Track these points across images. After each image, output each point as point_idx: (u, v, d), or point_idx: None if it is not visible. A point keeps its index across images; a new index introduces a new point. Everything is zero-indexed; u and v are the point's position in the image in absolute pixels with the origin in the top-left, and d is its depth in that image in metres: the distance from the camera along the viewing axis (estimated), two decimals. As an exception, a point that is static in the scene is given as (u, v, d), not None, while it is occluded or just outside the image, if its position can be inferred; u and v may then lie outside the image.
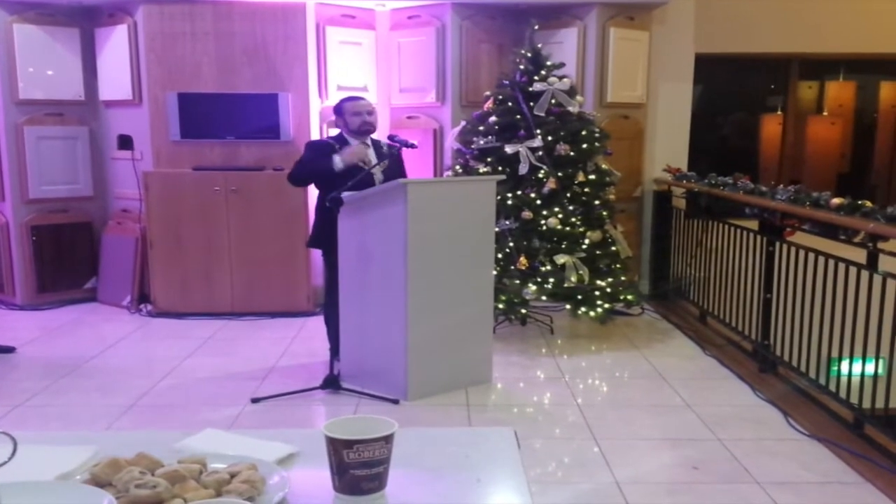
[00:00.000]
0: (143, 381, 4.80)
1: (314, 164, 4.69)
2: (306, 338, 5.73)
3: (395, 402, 4.38)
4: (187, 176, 6.18)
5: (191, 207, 6.16)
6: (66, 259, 6.71)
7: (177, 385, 4.76)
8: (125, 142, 6.55)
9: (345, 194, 4.35)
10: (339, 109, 4.85)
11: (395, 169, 4.83)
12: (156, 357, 5.36)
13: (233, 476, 1.34)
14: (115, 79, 6.45)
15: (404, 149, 4.68)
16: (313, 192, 6.18)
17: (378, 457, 1.29)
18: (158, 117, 6.25)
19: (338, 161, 4.60)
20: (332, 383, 4.50)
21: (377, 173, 4.72)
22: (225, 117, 6.18)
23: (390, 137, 4.80)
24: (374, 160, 4.74)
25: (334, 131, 5.23)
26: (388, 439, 1.30)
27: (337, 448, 1.28)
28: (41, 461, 1.41)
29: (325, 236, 4.61)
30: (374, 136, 4.91)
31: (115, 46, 6.40)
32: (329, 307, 4.83)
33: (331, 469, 1.31)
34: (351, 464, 1.28)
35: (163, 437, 1.56)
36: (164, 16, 6.16)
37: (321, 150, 4.76)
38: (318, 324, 5.95)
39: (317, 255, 6.30)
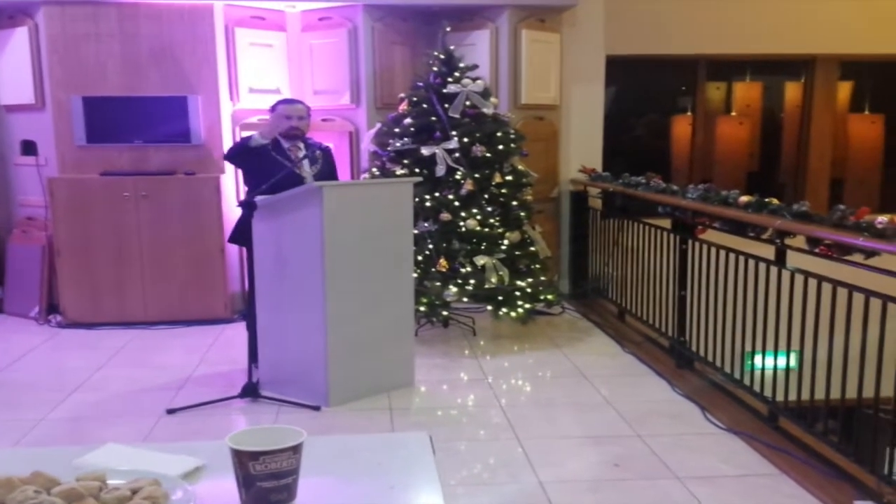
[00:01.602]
0: (53, 394, 4.62)
1: (239, 142, 4.71)
2: (224, 346, 5.60)
3: (317, 408, 4.31)
4: (95, 182, 5.99)
5: (99, 214, 5.96)
6: (-32, 271, 6.44)
7: (88, 398, 4.59)
8: (28, 147, 6.32)
9: (259, 198, 4.28)
10: (273, 110, 4.82)
11: (327, 171, 4.81)
12: (66, 369, 5.16)
13: (134, 492, 1.28)
14: (16, 82, 6.20)
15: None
16: (229, 195, 6.09)
17: (286, 468, 1.24)
18: (62, 122, 6.03)
19: (257, 136, 4.55)
20: (251, 391, 4.40)
21: (308, 177, 4.67)
22: (133, 121, 6.00)
23: (303, 140, 4.76)
24: (301, 154, 4.69)
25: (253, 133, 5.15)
26: (296, 449, 1.25)
27: (243, 460, 1.23)
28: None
29: (248, 233, 4.50)
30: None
31: (15, 49, 6.15)
32: (250, 312, 4.74)
33: (237, 482, 1.26)
34: (258, 476, 1.23)
35: (61, 454, 1.49)
36: (66, 17, 5.95)
37: (254, 153, 4.68)
38: (236, 331, 5.84)
39: (234, 261, 6.19)
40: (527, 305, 5.68)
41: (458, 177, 5.64)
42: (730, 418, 4.12)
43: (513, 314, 5.64)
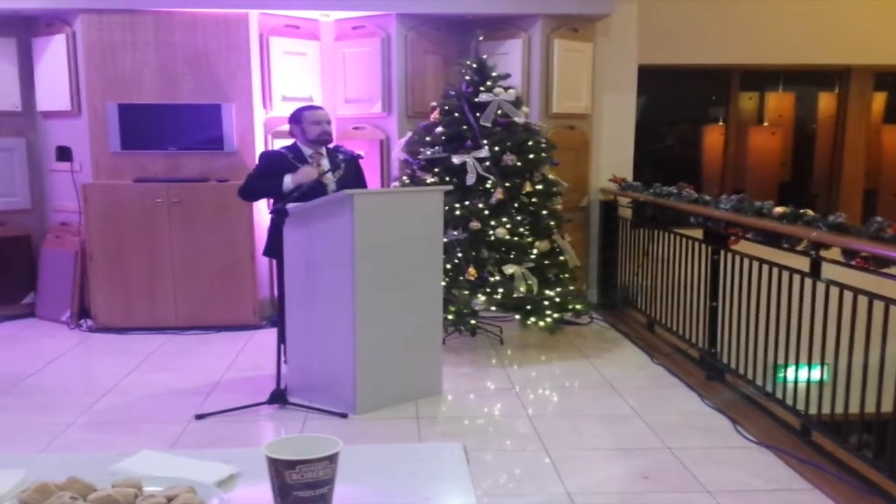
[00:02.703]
0: (84, 398, 4.67)
1: (264, 183, 4.62)
2: (253, 352, 5.63)
3: (344, 416, 4.31)
4: (128, 188, 6.05)
5: (132, 220, 6.02)
6: (4, 274, 6.51)
7: (118, 402, 4.63)
8: (64, 153, 6.38)
9: (291, 205, 4.30)
10: (296, 118, 4.77)
11: (353, 179, 4.80)
12: (96, 373, 5.21)
13: (170, 500, 1.29)
14: (53, 89, 6.29)
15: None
16: (260, 202, 6.12)
17: (322, 477, 1.24)
18: (98, 128, 6.11)
19: (288, 182, 4.53)
20: (279, 398, 4.42)
21: (330, 183, 4.67)
22: (167, 128, 6.06)
23: (335, 149, 4.76)
24: (326, 167, 4.70)
25: (285, 141, 5.18)
26: (332, 459, 1.25)
27: (279, 469, 1.23)
28: (-35, 488, 1.34)
29: (279, 245, 4.52)
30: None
31: (53, 56, 6.24)
32: (282, 319, 4.74)
33: (273, 491, 1.26)
34: (294, 485, 1.23)
35: (97, 460, 1.50)
36: (103, 25, 6.03)
37: (275, 162, 4.69)
38: (264, 337, 5.88)
39: (263, 267, 6.23)
40: (555, 315, 5.65)
41: (488, 185, 5.64)
42: (761, 432, 4.07)
43: (541, 324, 5.62)
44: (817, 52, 7.73)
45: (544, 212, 5.81)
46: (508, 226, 5.58)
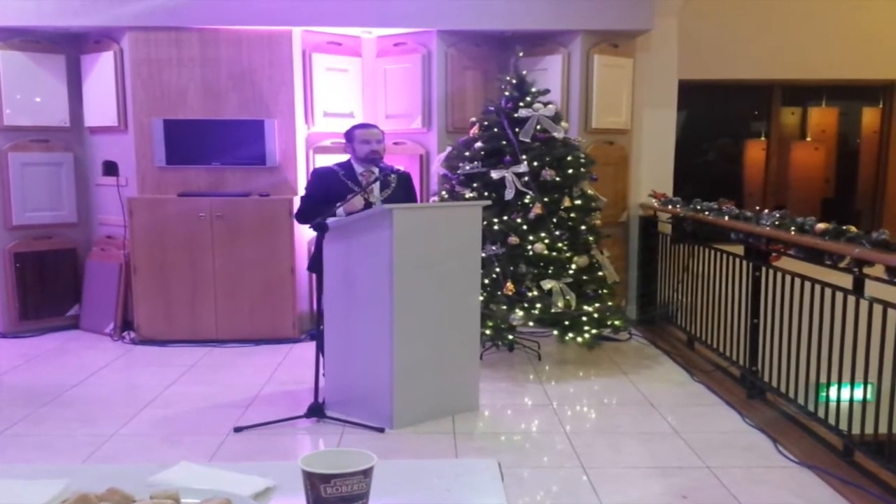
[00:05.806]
0: (125, 409, 4.74)
1: (320, 210, 4.54)
2: (292, 365, 5.67)
3: (381, 430, 4.33)
4: (172, 202, 6.15)
5: (176, 234, 6.12)
6: (50, 286, 6.64)
7: (159, 414, 4.69)
8: (110, 168, 6.51)
9: (331, 220, 4.34)
10: (349, 136, 4.86)
11: (403, 195, 4.85)
12: (138, 385, 5.29)
13: (207, 512, 1.30)
14: (100, 105, 6.43)
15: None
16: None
17: (356, 491, 1.25)
18: (144, 143, 6.22)
19: (341, 213, 4.57)
20: (316, 411, 4.45)
21: (376, 201, 4.72)
22: (211, 143, 6.16)
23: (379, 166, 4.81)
24: (374, 178, 4.75)
25: (326, 156, 5.23)
26: (366, 473, 1.26)
27: (314, 482, 1.25)
28: (9, 496, 1.38)
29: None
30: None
31: (100, 73, 6.38)
32: (321, 333, 4.78)
33: (308, 504, 1.28)
34: (328, 499, 1.24)
35: (137, 471, 1.52)
36: (150, 42, 6.15)
37: (324, 181, 4.76)
38: (303, 351, 5.92)
39: (303, 281, 6.28)
40: (593, 331, 5.63)
41: (526, 200, 5.65)
42: (802, 451, 4.01)
43: (579, 339, 5.60)
44: (861, 66, 7.64)
45: (583, 227, 5.79)
46: (547, 241, 5.57)
